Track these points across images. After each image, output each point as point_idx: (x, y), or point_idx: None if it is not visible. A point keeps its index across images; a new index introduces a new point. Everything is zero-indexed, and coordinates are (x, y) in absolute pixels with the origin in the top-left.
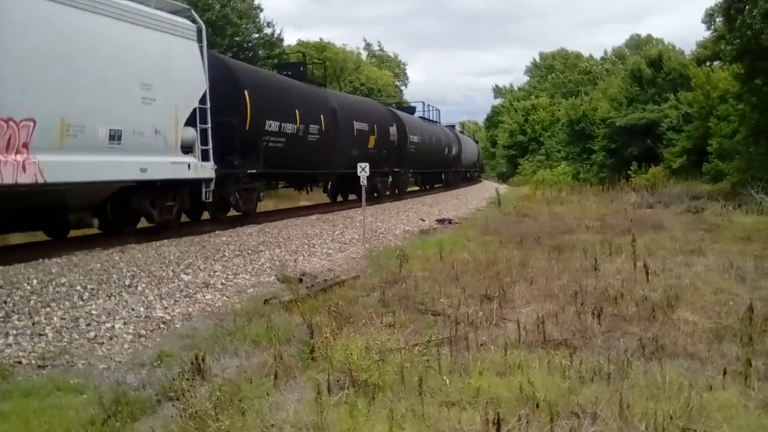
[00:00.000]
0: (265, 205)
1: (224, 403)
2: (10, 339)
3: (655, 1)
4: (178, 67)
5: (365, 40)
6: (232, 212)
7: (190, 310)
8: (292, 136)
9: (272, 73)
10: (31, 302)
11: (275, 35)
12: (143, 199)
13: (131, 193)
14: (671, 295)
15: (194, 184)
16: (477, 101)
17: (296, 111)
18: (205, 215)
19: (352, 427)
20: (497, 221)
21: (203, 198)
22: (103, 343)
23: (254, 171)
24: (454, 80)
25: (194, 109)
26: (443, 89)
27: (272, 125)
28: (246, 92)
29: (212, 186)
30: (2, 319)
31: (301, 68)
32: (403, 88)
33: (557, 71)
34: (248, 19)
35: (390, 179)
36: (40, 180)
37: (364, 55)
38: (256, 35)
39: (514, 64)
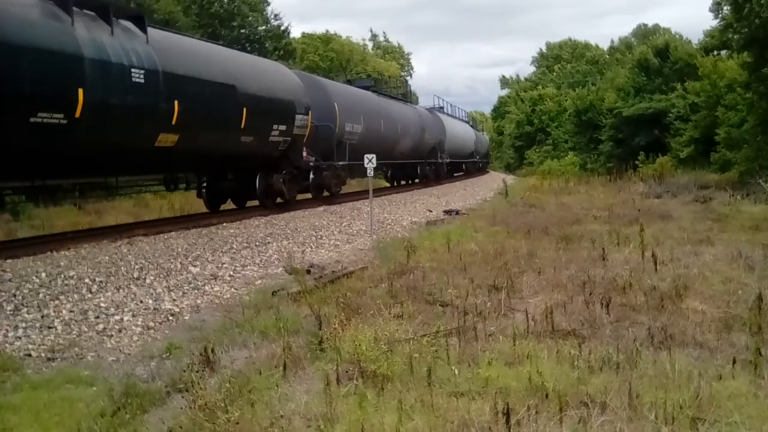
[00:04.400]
0: None
1: (233, 395)
2: (20, 332)
3: None
4: None
5: (371, 31)
6: None
7: (199, 302)
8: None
9: None
10: (40, 295)
11: (282, 28)
12: None
13: None
14: (680, 285)
15: None
16: (481, 92)
17: None
18: None
19: (361, 418)
20: (505, 212)
21: None
22: (112, 335)
23: None
24: (458, 72)
25: None
26: (446, 81)
27: None
28: None
29: None
30: (12, 312)
31: None
32: (408, 78)
33: (564, 61)
34: (257, 12)
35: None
36: None
37: (369, 46)
38: (263, 27)
39: (517, 55)
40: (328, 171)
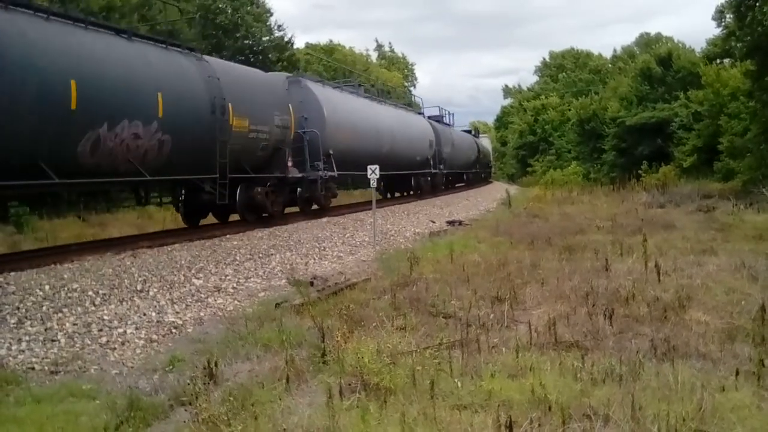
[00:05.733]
0: None
1: (237, 408)
2: (23, 345)
3: (659, 3)
4: None
5: (377, 41)
6: None
7: (202, 314)
8: None
9: None
10: (44, 308)
11: (285, 38)
12: None
13: None
14: (683, 296)
15: None
16: (483, 102)
17: None
18: None
19: (364, 431)
20: (508, 222)
21: None
22: (115, 348)
23: None
24: (460, 82)
25: None
26: (449, 91)
27: None
28: None
29: None
30: (15, 325)
31: None
32: (411, 88)
33: (568, 70)
34: (261, 22)
35: None
36: None
37: (374, 56)
38: (267, 38)
39: (519, 65)
40: None
